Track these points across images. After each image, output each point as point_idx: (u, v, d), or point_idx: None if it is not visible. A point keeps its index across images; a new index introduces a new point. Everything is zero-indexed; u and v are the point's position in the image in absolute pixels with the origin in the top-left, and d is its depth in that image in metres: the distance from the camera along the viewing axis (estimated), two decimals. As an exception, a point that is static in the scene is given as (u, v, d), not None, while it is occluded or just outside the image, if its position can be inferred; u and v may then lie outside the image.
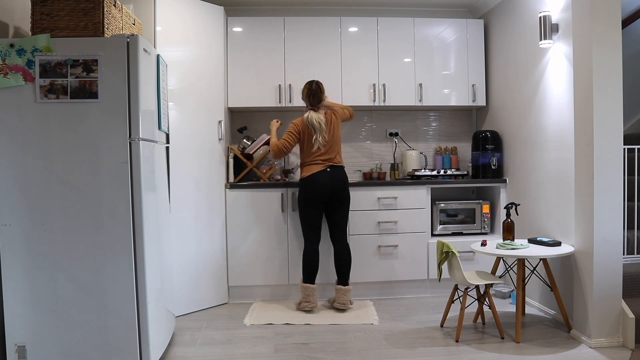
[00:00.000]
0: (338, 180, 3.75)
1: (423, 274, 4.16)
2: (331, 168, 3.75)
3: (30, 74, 2.52)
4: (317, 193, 3.71)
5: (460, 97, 4.50)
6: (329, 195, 3.74)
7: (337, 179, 3.75)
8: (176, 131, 3.68)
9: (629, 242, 3.30)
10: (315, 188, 3.70)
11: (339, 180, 3.76)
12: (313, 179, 3.71)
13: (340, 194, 3.77)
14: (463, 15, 4.80)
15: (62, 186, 2.54)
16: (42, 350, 2.55)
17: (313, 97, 3.79)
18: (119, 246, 2.56)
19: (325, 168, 3.73)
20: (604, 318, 3.01)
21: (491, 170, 4.28)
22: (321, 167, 3.73)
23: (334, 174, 3.75)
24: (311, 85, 3.80)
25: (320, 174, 3.71)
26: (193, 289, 3.80)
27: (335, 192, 3.74)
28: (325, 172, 3.73)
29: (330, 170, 3.74)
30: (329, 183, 3.71)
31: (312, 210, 3.75)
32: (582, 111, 3.09)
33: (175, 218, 3.66)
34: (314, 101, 3.80)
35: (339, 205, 3.79)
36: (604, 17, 2.96)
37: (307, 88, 3.81)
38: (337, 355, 2.96)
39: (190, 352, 3.05)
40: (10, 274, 2.53)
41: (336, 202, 3.78)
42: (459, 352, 2.97)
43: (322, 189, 3.71)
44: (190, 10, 3.80)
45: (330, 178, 3.72)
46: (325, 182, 3.71)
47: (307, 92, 3.81)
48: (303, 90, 3.85)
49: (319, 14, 4.67)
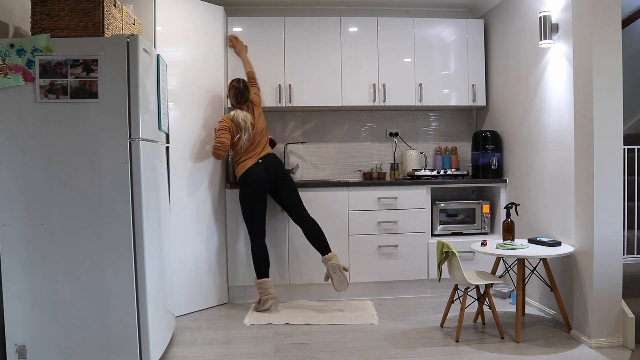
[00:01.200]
0: (273, 167, 3.82)
1: (423, 274, 4.16)
2: (262, 159, 3.82)
3: (30, 74, 2.52)
4: (257, 187, 3.76)
5: (460, 97, 4.50)
6: (269, 185, 3.81)
7: (272, 166, 3.82)
8: (176, 131, 3.68)
9: (629, 242, 3.30)
10: (254, 183, 3.76)
11: (274, 166, 3.83)
12: (249, 175, 3.77)
13: (280, 178, 3.83)
14: (463, 15, 4.80)
15: (62, 186, 2.54)
16: (42, 350, 2.55)
17: (241, 96, 3.82)
18: (119, 246, 2.56)
19: (257, 161, 3.80)
20: (604, 318, 3.01)
21: (491, 170, 4.28)
22: (253, 161, 3.80)
23: (266, 162, 3.82)
24: (238, 84, 3.82)
25: (253, 168, 3.78)
26: (193, 289, 3.80)
27: (274, 179, 3.81)
28: (258, 164, 3.79)
29: (262, 160, 3.81)
30: (265, 174, 3.78)
31: (256, 206, 3.78)
32: (582, 111, 3.09)
33: (175, 218, 3.66)
34: (241, 100, 3.83)
35: (283, 186, 3.84)
36: (604, 17, 2.96)
37: (234, 87, 3.82)
38: (337, 355, 2.96)
39: (190, 352, 3.05)
40: (10, 274, 2.53)
41: (279, 186, 3.83)
42: (459, 352, 2.97)
43: (260, 182, 3.76)
44: (190, 10, 3.80)
45: (264, 168, 3.79)
46: (260, 174, 3.77)
47: (234, 91, 3.82)
48: (229, 89, 3.86)
49: (319, 14, 4.67)
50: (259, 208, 3.79)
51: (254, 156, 3.82)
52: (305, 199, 4.06)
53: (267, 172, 3.79)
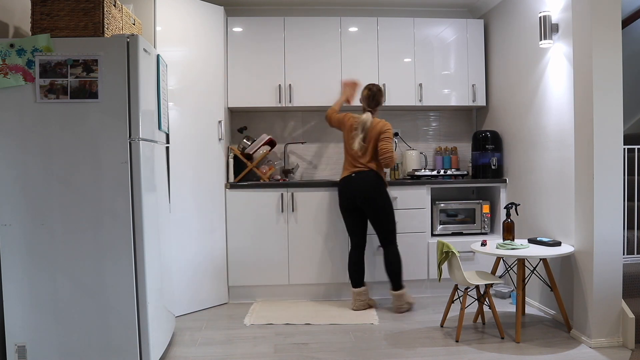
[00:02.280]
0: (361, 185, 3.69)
1: (423, 274, 4.16)
2: (356, 174, 3.73)
3: (30, 74, 2.52)
4: (343, 199, 3.78)
5: (460, 97, 4.50)
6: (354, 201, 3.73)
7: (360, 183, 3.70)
8: (176, 131, 3.68)
9: (629, 242, 3.30)
10: (341, 195, 3.80)
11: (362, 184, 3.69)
12: (340, 186, 3.80)
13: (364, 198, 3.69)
14: (463, 15, 4.80)
15: (62, 186, 2.54)
16: (42, 350, 2.55)
17: (372, 99, 3.80)
18: (119, 246, 2.56)
19: (350, 174, 3.75)
20: (604, 318, 3.01)
21: (491, 170, 4.28)
22: (347, 172, 3.77)
23: (358, 178, 3.71)
24: (372, 87, 3.81)
25: (344, 181, 3.77)
26: (193, 289, 3.80)
27: (358, 197, 3.71)
28: (350, 178, 3.74)
29: (355, 175, 3.73)
30: (351, 189, 3.72)
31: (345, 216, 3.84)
32: (582, 111, 3.09)
33: (175, 218, 3.66)
34: (372, 103, 3.80)
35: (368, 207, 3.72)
36: (604, 17, 2.96)
37: (369, 89, 3.81)
38: (337, 355, 2.96)
39: (190, 352, 3.05)
40: (10, 274, 2.53)
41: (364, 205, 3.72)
42: (459, 352, 2.97)
43: (346, 195, 3.75)
44: (190, 10, 3.80)
45: (353, 183, 3.71)
46: (346, 188, 3.75)
47: (367, 93, 3.80)
48: (362, 91, 3.84)
49: (319, 14, 4.67)
50: (348, 218, 3.82)
51: (350, 168, 3.77)
52: (305, 198, 4.06)
53: (353, 188, 3.71)
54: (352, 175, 3.73)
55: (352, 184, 3.72)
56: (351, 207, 3.76)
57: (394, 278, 3.75)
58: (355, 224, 3.81)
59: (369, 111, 3.79)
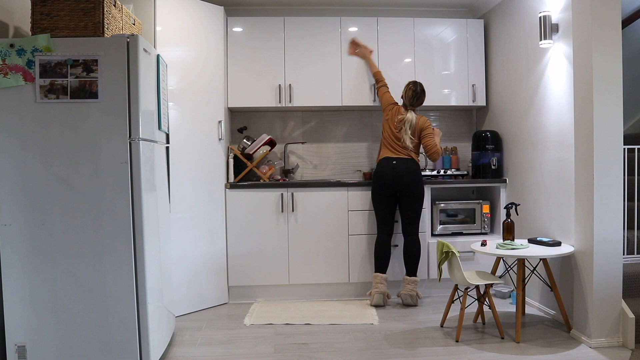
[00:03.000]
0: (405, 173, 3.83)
1: (423, 274, 4.16)
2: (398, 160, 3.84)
3: (30, 74, 2.52)
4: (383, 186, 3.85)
5: (460, 97, 4.50)
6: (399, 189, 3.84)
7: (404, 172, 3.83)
8: (176, 131, 3.68)
9: (629, 242, 3.30)
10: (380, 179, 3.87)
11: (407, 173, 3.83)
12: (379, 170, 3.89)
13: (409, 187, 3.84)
14: (463, 15, 4.80)
15: (62, 186, 2.54)
16: (42, 350, 2.55)
17: (417, 98, 3.91)
18: (119, 246, 2.56)
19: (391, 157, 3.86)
20: (604, 318, 3.01)
21: (491, 170, 4.28)
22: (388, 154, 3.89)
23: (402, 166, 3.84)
24: (415, 86, 3.91)
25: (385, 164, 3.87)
26: (193, 288, 3.81)
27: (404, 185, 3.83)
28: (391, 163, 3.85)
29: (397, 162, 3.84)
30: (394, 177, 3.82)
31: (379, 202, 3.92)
32: (582, 111, 3.09)
33: (175, 218, 3.66)
34: (415, 102, 3.92)
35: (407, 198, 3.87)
36: (604, 17, 2.96)
37: (412, 89, 3.90)
38: (337, 355, 2.96)
39: (190, 352, 3.05)
40: (10, 274, 2.53)
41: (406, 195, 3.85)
42: (459, 352, 2.97)
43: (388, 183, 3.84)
44: (190, 10, 3.80)
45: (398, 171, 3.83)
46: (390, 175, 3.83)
47: (411, 93, 3.90)
48: (406, 90, 3.93)
49: (319, 14, 4.67)
50: (382, 204, 3.88)
51: (391, 152, 3.87)
52: (305, 199, 4.06)
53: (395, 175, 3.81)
54: (394, 162, 3.83)
55: (395, 170, 3.83)
56: (389, 193, 3.85)
57: (413, 265, 3.88)
58: (389, 210, 3.89)
59: (411, 109, 3.92)
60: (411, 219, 3.88)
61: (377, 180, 3.88)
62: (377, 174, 3.90)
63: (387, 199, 3.87)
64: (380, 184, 3.86)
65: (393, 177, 3.82)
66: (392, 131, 3.91)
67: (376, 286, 3.86)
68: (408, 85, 3.95)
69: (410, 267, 3.89)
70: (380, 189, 3.87)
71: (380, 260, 3.89)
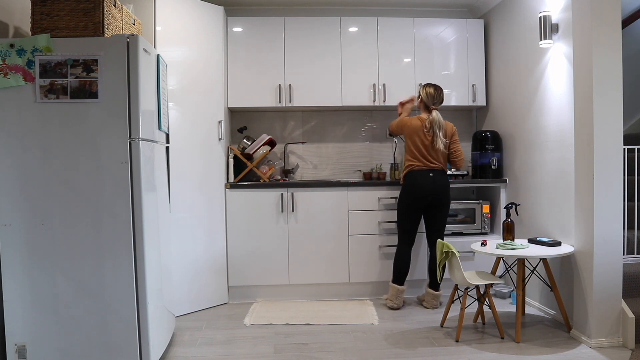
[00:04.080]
0: (440, 185, 3.74)
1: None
2: (433, 172, 3.75)
3: (30, 74, 2.52)
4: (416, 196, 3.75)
5: (460, 97, 4.50)
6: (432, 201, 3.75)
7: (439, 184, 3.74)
8: (176, 131, 3.68)
9: (629, 242, 3.30)
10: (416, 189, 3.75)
11: (442, 185, 3.75)
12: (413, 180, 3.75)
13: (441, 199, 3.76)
14: (463, 15, 4.80)
15: (62, 186, 2.54)
16: (42, 350, 2.55)
17: (437, 97, 3.81)
18: (119, 246, 2.56)
19: (427, 170, 3.74)
20: (604, 318, 3.01)
21: (491, 170, 4.28)
22: (421, 166, 3.76)
23: (436, 177, 3.74)
24: (434, 85, 3.82)
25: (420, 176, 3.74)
26: (193, 289, 3.80)
27: (438, 198, 3.75)
28: (427, 175, 3.74)
29: (433, 174, 3.74)
30: (429, 189, 3.72)
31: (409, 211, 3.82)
32: (582, 111, 3.09)
33: (175, 218, 3.66)
34: (436, 101, 3.81)
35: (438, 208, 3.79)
36: (604, 17, 2.96)
37: (433, 87, 3.80)
38: (337, 355, 2.96)
39: (190, 352, 3.05)
40: (11, 274, 2.53)
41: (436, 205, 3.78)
42: (459, 352, 2.97)
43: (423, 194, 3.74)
44: (190, 10, 3.80)
45: (433, 184, 3.73)
46: (425, 187, 3.72)
47: (432, 91, 3.79)
48: (428, 91, 3.80)
49: (319, 14, 4.67)
50: (411, 215, 3.79)
51: (424, 163, 3.74)
52: (305, 198, 4.07)
53: (431, 187, 3.72)
54: (431, 175, 3.73)
55: (434, 183, 3.72)
56: (422, 205, 3.77)
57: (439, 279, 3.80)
58: (416, 221, 3.83)
59: (434, 109, 3.80)
60: (439, 229, 3.83)
61: (412, 190, 3.75)
62: (411, 185, 3.75)
63: (418, 210, 3.79)
64: (414, 195, 3.74)
65: (430, 190, 3.71)
66: (420, 140, 3.74)
67: (393, 300, 3.82)
68: (425, 87, 3.81)
69: (436, 279, 3.83)
70: (413, 200, 3.75)
71: (401, 272, 3.82)
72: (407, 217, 3.81)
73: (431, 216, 3.82)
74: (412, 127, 3.78)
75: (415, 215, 3.80)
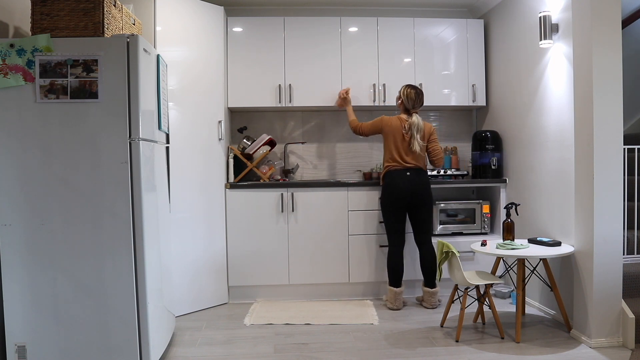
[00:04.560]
0: (419, 184, 3.79)
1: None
2: (411, 171, 3.79)
3: (30, 74, 2.52)
4: (397, 196, 3.78)
5: (460, 97, 4.50)
6: (413, 200, 3.79)
7: (418, 183, 3.79)
8: (176, 131, 3.68)
9: (629, 242, 3.30)
10: (396, 190, 3.78)
11: (421, 183, 3.80)
12: (392, 181, 3.79)
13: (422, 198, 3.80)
14: (463, 15, 4.80)
15: (62, 186, 2.54)
16: (42, 350, 2.55)
17: (418, 100, 3.86)
18: (119, 246, 2.56)
19: (403, 169, 3.79)
20: (604, 318, 3.01)
21: (491, 170, 4.28)
22: (398, 167, 3.80)
23: (413, 176, 3.79)
24: (413, 89, 3.85)
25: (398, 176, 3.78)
26: (193, 289, 3.80)
27: (419, 196, 3.79)
28: (405, 175, 3.78)
29: (410, 173, 3.78)
30: (408, 188, 3.76)
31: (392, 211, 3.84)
32: (582, 111, 3.09)
33: (175, 218, 3.66)
34: (417, 104, 3.86)
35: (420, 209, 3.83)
36: (604, 17, 2.96)
37: (414, 91, 3.84)
38: (337, 355, 2.96)
39: (190, 352, 3.05)
40: (11, 274, 2.53)
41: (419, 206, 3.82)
42: (459, 352, 2.97)
43: (403, 194, 3.77)
44: (190, 10, 3.80)
45: (412, 182, 3.77)
46: (404, 186, 3.76)
47: (413, 95, 3.84)
48: (408, 94, 3.84)
49: (319, 14, 4.67)
50: (395, 215, 3.81)
51: (401, 163, 3.78)
52: (305, 198, 4.07)
53: (410, 186, 3.76)
54: (407, 174, 3.77)
55: (409, 181, 3.77)
56: (403, 204, 3.80)
57: (432, 275, 3.84)
58: (401, 221, 3.84)
59: (414, 112, 3.86)
60: (425, 228, 3.86)
61: (391, 191, 3.79)
62: (389, 185, 3.81)
63: (400, 210, 3.81)
64: (394, 196, 3.78)
65: (408, 189, 3.75)
66: (398, 141, 3.81)
67: (392, 302, 3.82)
68: (406, 89, 3.86)
69: (430, 278, 3.85)
70: (394, 200, 3.79)
71: (396, 273, 3.82)
72: (392, 217, 3.83)
73: (414, 215, 3.86)
74: (392, 126, 3.84)
75: (398, 214, 3.82)
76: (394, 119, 3.85)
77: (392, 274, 3.82)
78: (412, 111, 3.86)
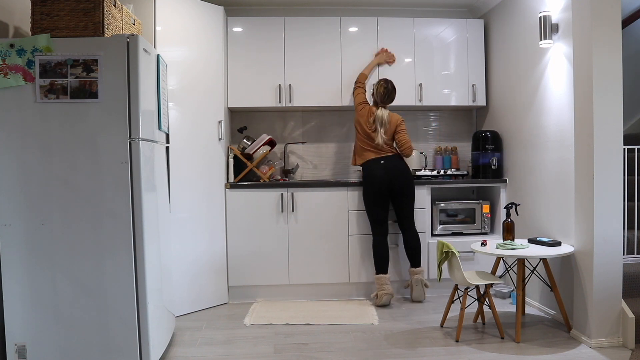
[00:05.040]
0: (396, 170, 3.90)
1: (423, 273, 4.16)
2: (384, 159, 3.90)
3: (30, 74, 2.52)
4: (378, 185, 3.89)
5: (460, 97, 4.50)
6: (393, 186, 3.89)
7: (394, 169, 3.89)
8: (176, 131, 3.68)
9: (629, 242, 3.30)
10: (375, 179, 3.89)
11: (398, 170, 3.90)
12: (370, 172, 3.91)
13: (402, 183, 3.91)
14: (463, 15, 4.80)
15: (62, 186, 2.54)
16: (42, 350, 2.55)
17: (388, 96, 3.95)
18: (119, 246, 2.56)
19: (378, 158, 3.91)
20: (604, 318, 3.01)
21: (491, 170, 4.28)
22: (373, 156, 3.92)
23: (389, 164, 3.89)
24: (387, 84, 3.95)
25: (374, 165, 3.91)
26: (193, 289, 3.80)
27: (398, 183, 3.90)
28: (380, 163, 3.89)
29: (384, 161, 3.89)
30: (387, 175, 3.87)
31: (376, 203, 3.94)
32: (582, 111, 3.09)
33: (175, 218, 3.66)
34: (387, 100, 3.96)
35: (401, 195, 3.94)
36: (604, 17, 2.96)
37: (384, 87, 3.93)
38: (337, 355, 2.96)
39: (190, 352, 3.05)
40: (11, 274, 2.53)
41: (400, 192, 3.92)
42: (459, 352, 2.97)
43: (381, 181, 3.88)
44: (190, 10, 3.80)
45: (388, 169, 3.88)
46: (382, 173, 3.87)
47: (382, 90, 3.93)
48: (378, 87, 3.95)
49: (319, 14, 4.67)
50: (376, 204, 3.90)
51: (376, 152, 3.91)
52: (305, 198, 4.07)
53: (387, 173, 3.87)
54: (382, 162, 3.88)
55: (385, 169, 3.87)
56: (384, 192, 3.88)
57: (417, 257, 3.95)
58: (383, 210, 3.93)
59: (382, 107, 3.95)
60: (407, 213, 3.96)
61: (370, 181, 3.90)
62: (368, 176, 3.92)
63: (381, 199, 3.90)
64: (373, 185, 3.88)
65: (385, 176, 3.86)
66: (365, 132, 3.94)
67: (382, 287, 3.86)
68: (380, 82, 3.97)
69: (415, 259, 3.96)
70: (373, 190, 3.89)
71: (382, 261, 3.90)
72: (373, 206, 3.92)
73: (397, 203, 3.95)
74: (363, 115, 3.99)
75: (380, 202, 3.90)
76: (366, 109, 4.00)
77: (378, 259, 3.91)
78: (380, 105, 3.96)
